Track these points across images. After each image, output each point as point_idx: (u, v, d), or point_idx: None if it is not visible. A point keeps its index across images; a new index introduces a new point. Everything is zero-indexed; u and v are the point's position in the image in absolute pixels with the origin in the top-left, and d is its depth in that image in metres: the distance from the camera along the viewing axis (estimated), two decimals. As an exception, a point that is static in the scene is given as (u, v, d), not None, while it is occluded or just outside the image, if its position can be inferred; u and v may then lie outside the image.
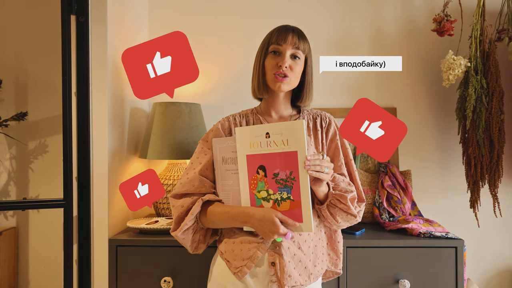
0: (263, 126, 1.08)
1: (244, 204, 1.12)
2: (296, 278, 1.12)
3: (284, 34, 1.16)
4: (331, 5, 1.98)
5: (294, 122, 1.05)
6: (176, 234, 1.16)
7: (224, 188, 1.17)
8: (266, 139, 1.07)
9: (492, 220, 1.89)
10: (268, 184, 1.08)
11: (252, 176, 1.10)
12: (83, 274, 1.49)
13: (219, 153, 1.17)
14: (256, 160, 1.09)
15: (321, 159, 1.04)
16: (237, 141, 1.11)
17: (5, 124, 1.91)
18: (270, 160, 1.08)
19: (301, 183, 1.05)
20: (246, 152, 1.10)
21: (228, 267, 1.16)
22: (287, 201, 1.07)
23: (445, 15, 1.74)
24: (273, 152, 1.07)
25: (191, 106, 1.74)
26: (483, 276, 1.96)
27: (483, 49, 1.72)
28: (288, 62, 1.14)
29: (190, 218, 1.13)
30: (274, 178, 1.08)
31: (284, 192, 1.07)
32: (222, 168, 1.17)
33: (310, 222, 1.05)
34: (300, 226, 1.07)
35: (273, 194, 1.08)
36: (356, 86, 1.98)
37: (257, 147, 1.08)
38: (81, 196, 1.49)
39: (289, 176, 1.06)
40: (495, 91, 1.68)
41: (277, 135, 1.06)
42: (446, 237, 1.49)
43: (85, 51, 1.48)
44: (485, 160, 1.70)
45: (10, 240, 1.93)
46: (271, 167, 1.08)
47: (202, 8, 2.00)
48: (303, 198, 1.05)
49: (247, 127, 1.10)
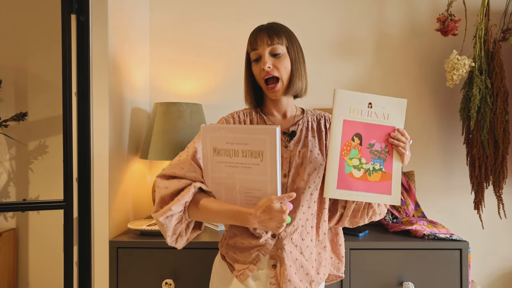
0: (367, 95, 1.08)
1: (331, 169, 1.06)
2: (296, 283, 1.10)
3: (255, 37, 1.13)
4: (335, 5, 1.97)
5: (399, 99, 1.08)
6: (156, 217, 1.05)
7: (215, 181, 1.06)
8: (368, 108, 1.08)
9: (496, 221, 1.87)
10: (362, 153, 1.08)
11: (345, 142, 1.08)
12: (83, 276, 1.48)
13: (209, 143, 1.04)
14: (353, 127, 1.08)
15: (409, 142, 1.09)
16: (335, 104, 1.07)
17: (5, 124, 1.90)
18: (368, 130, 1.08)
19: (394, 158, 1.08)
20: (344, 116, 1.07)
21: (230, 270, 1.14)
22: (379, 172, 1.08)
23: (449, 15, 1.73)
24: (373, 123, 1.08)
25: (192, 106, 1.73)
26: (487, 278, 1.95)
27: (488, 49, 1.71)
28: (270, 62, 1.11)
29: (176, 205, 1.03)
30: (369, 148, 1.08)
31: (377, 163, 1.08)
32: (213, 160, 1.05)
33: (399, 195, 1.09)
34: (388, 198, 1.08)
35: (365, 163, 1.08)
36: (360, 86, 1.96)
37: (356, 114, 1.08)
38: (81, 197, 1.48)
39: (383, 149, 1.08)
40: (499, 91, 1.66)
41: (380, 107, 1.08)
42: (450, 239, 1.47)
43: (85, 50, 1.46)
44: (490, 161, 1.68)
45: (10, 242, 1.91)
46: (368, 137, 1.08)
47: (204, 7, 1.98)
48: (394, 172, 1.08)
49: (349, 91, 1.07)
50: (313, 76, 1.96)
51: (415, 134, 1.93)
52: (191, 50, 1.99)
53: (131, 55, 1.76)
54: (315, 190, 1.14)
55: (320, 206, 1.16)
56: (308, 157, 1.13)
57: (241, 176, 1.03)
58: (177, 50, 1.99)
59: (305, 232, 1.14)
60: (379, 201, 1.09)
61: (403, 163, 1.10)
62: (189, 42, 1.99)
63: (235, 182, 1.04)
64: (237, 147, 1.02)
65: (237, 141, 1.01)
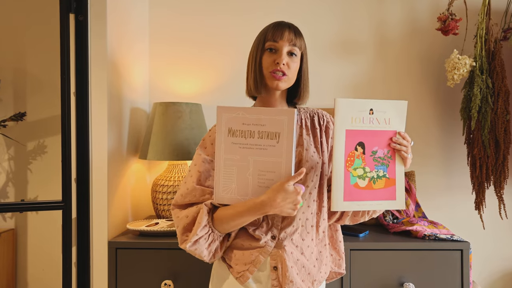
0: (368, 101, 1.06)
1: (336, 182, 1.05)
2: (298, 284, 1.09)
3: (280, 30, 1.12)
4: (335, 4, 1.96)
5: (399, 102, 1.07)
6: (184, 247, 1.08)
7: (227, 163, 1.05)
8: (369, 115, 1.06)
9: (497, 222, 1.86)
10: (365, 162, 1.07)
11: (349, 152, 1.06)
12: (82, 277, 1.47)
13: (225, 123, 1.04)
14: (356, 136, 1.06)
15: (410, 144, 1.08)
16: (336, 114, 1.05)
17: (4, 124, 1.89)
18: (371, 137, 1.06)
19: (397, 162, 1.08)
20: (346, 126, 1.06)
21: (230, 272, 1.13)
22: (383, 179, 1.08)
23: (450, 14, 1.72)
24: (375, 130, 1.07)
25: (192, 106, 1.72)
26: (489, 279, 1.94)
27: (489, 48, 1.70)
28: (285, 59, 1.11)
29: (199, 228, 1.06)
30: (372, 156, 1.07)
31: (380, 170, 1.08)
32: (228, 141, 1.04)
33: (403, 199, 1.09)
34: (394, 203, 1.08)
35: (369, 171, 1.07)
36: (361, 86, 1.95)
37: (358, 122, 1.06)
38: (80, 198, 1.47)
39: (386, 155, 1.08)
40: (501, 91, 1.66)
41: (381, 112, 1.06)
42: (451, 240, 1.46)
43: (84, 50, 1.45)
44: (491, 161, 1.67)
45: (8, 242, 1.90)
46: (371, 144, 1.07)
47: (203, 6, 1.97)
48: (398, 177, 1.08)
49: (350, 100, 1.06)
50: (315, 75, 1.95)
51: (415, 134, 1.93)
52: (192, 47, 1.97)
53: (130, 54, 1.75)
54: (314, 189, 1.13)
55: (319, 205, 1.16)
56: (304, 156, 1.12)
57: (255, 158, 1.04)
58: (177, 47, 1.97)
59: (305, 232, 1.13)
60: (385, 208, 1.09)
61: (406, 166, 1.09)
62: (190, 39, 1.97)
63: (248, 164, 1.04)
64: (253, 128, 1.03)
65: (254, 122, 1.02)
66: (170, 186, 1.67)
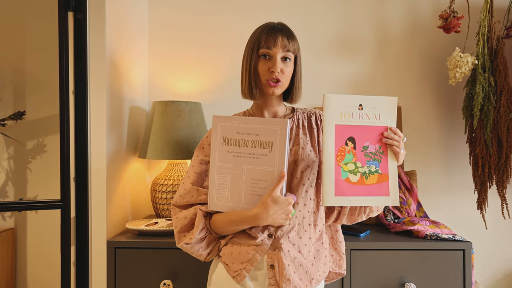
0: (356, 97, 1.07)
1: (327, 177, 1.06)
2: (296, 282, 1.09)
3: (273, 37, 1.11)
4: (335, 3, 1.95)
5: (389, 98, 1.07)
6: (181, 245, 1.13)
7: (222, 171, 1.09)
8: (358, 110, 1.07)
9: (500, 221, 1.85)
10: (356, 157, 1.07)
11: (339, 147, 1.07)
12: (81, 276, 1.46)
13: (220, 132, 1.08)
14: (346, 131, 1.07)
15: (403, 140, 1.08)
16: (325, 109, 1.06)
17: (3, 123, 1.88)
18: (361, 133, 1.07)
19: (389, 157, 1.08)
20: (335, 121, 1.07)
21: (227, 271, 1.13)
22: (375, 174, 1.07)
23: (452, 12, 1.70)
24: (365, 125, 1.07)
25: (191, 105, 1.71)
26: (491, 279, 1.92)
27: (491, 46, 1.68)
28: (280, 66, 1.11)
29: (196, 231, 1.10)
30: (364, 151, 1.07)
31: (372, 166, 1.07)
32: (222, 149, 1.08)
33: (397, 195, 1.08)
34: (387, 199, 1.08)
35: (361, 167, 1.07)
36: (361, 85, 1.94)
37: (348, 118, 1.07)
38: (79, 197, 1.46)
39: (378, 150, 1.08)
40: (503, 89, 1.64)
41: (370, 108, 1.07)
42: (453, 240, 1.45)
43: (83, 48, 1.45)
44: (493, 160, 1.66)
45: (8, 241, 1.90)
46: (361, 140, 1.07)
47: (203, 5, 1.96)
48: (391, 172, 1.07)
49: (338, 95, 1.07)
50: (315, 75, 1.94)
51: (417, 133, 1.91)
52: (192, 46, 1.96)
53: (130, 52, 1.74)
54: (310, 187, 1.14)
55: (317, 203, 1.17)
56: (300, 154, 1.13)
57: (248, 166, 1.07)
58: (177, 46, 1.97)
59: (302, 230, 1.13)
60: (378, 204, 1.09)
61: (398, 162, 1.09)
62: (189, 37, 1.96)
63: (241, 173, 1.07)
64: (247, 137, 1.07)
65: (248, 131, 1.06)
66: (170, 186, 1.66)
